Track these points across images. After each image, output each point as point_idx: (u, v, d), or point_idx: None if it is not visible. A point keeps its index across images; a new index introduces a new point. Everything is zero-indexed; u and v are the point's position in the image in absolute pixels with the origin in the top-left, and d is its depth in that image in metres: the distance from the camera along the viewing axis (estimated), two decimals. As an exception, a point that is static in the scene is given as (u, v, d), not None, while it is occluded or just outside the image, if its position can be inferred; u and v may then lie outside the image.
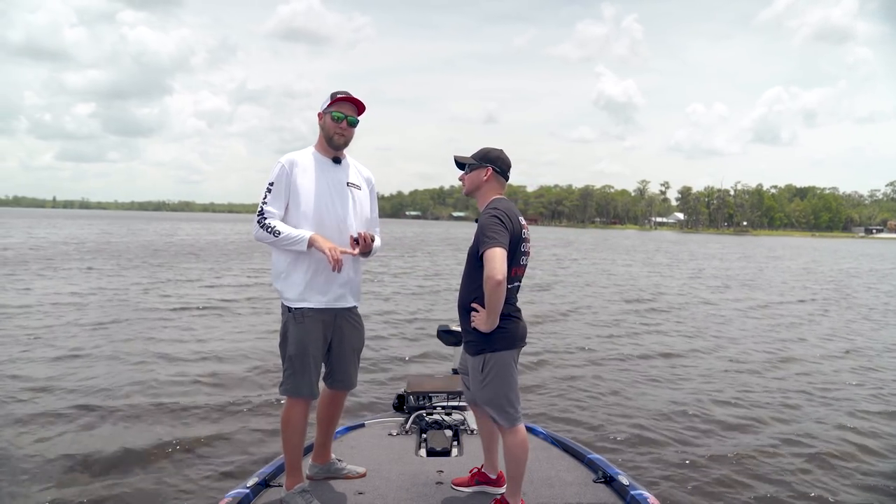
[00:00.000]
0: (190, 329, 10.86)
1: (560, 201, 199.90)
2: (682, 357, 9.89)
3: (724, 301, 17.41)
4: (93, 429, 5.89)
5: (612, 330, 12.21)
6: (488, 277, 2.80)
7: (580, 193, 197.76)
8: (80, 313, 12.12)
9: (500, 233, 2.88)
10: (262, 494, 3.23)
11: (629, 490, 3.20)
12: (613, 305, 15.74)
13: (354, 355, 3.41)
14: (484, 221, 2.94)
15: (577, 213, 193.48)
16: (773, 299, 18.18)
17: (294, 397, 3.19)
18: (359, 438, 4.10)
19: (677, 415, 6.79)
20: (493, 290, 2.81)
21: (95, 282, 17.22)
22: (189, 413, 6.39)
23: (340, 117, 3.22)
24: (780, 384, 8.29)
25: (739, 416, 6.83)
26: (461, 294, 3.13)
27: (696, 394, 7.69)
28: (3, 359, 8.30)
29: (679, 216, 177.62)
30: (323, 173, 3.23)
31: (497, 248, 2.84)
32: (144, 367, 8.09)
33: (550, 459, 3.72)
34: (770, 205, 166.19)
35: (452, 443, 4.05)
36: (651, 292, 18.96)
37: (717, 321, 13.80)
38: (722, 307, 16.13)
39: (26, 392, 6.84)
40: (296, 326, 3.14)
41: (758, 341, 11.43)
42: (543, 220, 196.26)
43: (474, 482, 3.36)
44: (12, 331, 10.19)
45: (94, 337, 9.92)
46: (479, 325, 2.98)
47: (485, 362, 3.03)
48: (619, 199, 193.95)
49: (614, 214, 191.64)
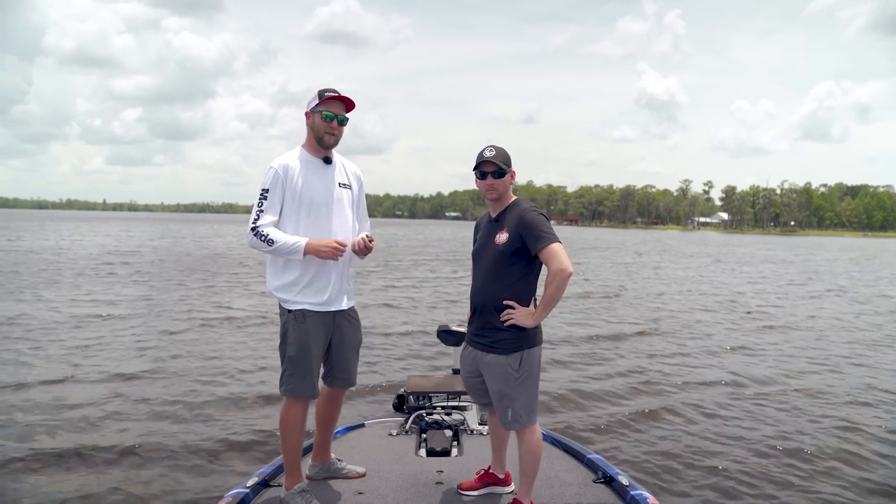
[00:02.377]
0: (190, 330, 10.89)
1: (601, 201, 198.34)
2: (689, 357, 9.59)
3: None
4: (93, 428, 5.88)
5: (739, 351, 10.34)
6: (561, 270, 2.85)
7: (621, 193, 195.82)
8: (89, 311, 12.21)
9: (553, 229, 2.96)
10: (262, 494, 3.23)
11: (629, 490, 3.18)
12: (747, 323, 13.36)
13: (354, 353, 3.39)
14: (534, 219, 2.97)
15: (618, 213, 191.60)
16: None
17: (295, 398, 3.17)
18: (359, 438, 4.08)
19: (678, 415, 6.73)
20: (563, 283, 2.87)
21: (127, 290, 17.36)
22: (189, 413, 6.37)
23: (331, 116, 3.17)
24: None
25: (741, 417, 6.74)
26: (486, 293, 3.08)
27: (698, 393, 7.62)
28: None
29: (723, 216, 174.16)
30: (316, 176, 3.19)
31: (559, 243, 2.91)
32: (143, 368, 8.09)
33: (550, 459, 3.68)
34: (819, 204, 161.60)
35: (452, 443, 4.02)
36: (758, 303, 16.67)
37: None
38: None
39: (25, 391, 6.90)
40: (296, 327, 3.12)
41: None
42: (584, 221, 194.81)
43: (482, 484, 3.31)
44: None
45: (94, 336, 10.03)
46: (523, 322, 2.97)
47: (522, 359, 3.01)
48: (661, 199, 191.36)
49: (656, 215, 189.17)
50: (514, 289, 3.01)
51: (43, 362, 8.23)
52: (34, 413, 6.21)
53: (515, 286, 3.01)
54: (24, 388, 7.04)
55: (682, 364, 9.21)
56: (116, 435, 5.71)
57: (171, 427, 5.96)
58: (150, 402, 6.66)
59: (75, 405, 6.44)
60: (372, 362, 8.51)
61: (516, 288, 3.01)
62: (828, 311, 15.37)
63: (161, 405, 6.56)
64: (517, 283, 3.02)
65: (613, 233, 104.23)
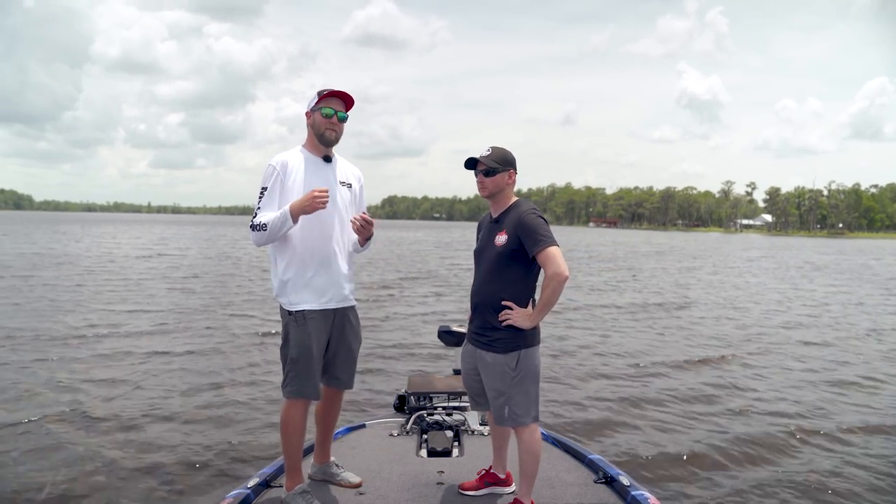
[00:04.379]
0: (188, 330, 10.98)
1: (640, 203, 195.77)
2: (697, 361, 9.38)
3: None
4: (93, 427, 5.90)
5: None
6: (557, 274, 2.88)
7: (661, 195, 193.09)
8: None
9: (551, 232, 2.99)
10: (263, 495, 3.23)
11: (630, 490, 3.17)
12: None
13: (353, 354, 3.39)
14: (532, 221, 3.00)
15: (658, 215, 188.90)
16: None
17: (297, 399, 3.18)
18: (359, 439, 4.08)
19: (679, 415, 6.70)
20: (559, 286, 2.91)
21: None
22: (190, 413, 6.38)
23: (330, 113, 3.20)
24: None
25: (744, 418, 6.70)
26: (485, 292, 3.13)
27: (699, 394, 7.58)
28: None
29: (766, 218, 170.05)
30: (314, 172, 3.22)
31: (557, 246, 2.94)
32: (143, 368, 8.15)
33: (551, 460, 3.68)
34: (869, 205, 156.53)
35: (453, 443, 4.01)
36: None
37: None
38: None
39: (24, 390, 6.99)
40: (297, 329, 3.14)
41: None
42: (623, 223, 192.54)
43: (483, 484, 3.32)
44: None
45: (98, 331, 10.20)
46: (521, 322, 3.02)
47: (519, 359, 3.05)
48: (702, 201, 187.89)
49: (697, 217, 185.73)
50: (513, 290, 3.05)
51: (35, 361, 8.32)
52: (33, 411, 6.23)
53: (514, 287, 3.05)
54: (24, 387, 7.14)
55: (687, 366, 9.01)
56: (117, 434, 5.72)
57: (173, 427, 5.96)
58: (149, 402, 6.68)
59: (72, 404, 6.47)
60: (373, 362, 8.49)
61: (514, 289, 3.05)
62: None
63: (162, 405, 6.58)
64: (515, 284, 3.05)
65: (655, 235, 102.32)
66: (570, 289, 18.46)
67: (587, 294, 17.94)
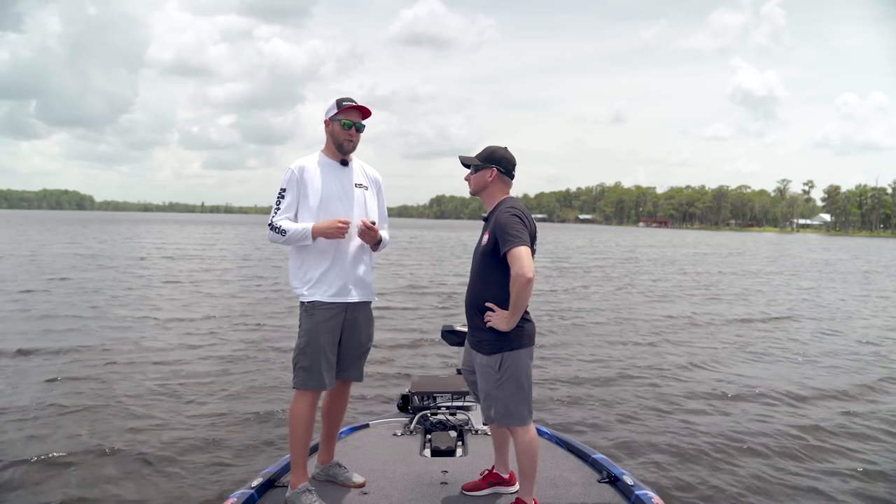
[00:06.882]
0: (189, 331, 10.95)
1: (692, 203, 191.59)
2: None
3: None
4: (95, 427, 5.89)
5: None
6: (518, 276, 2.82)
7: (713, 194, 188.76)
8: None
9: (523, 231, 2.92)
10: (267, 495, 3.26)
11: (633, 490, 3.18)
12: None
13: (361, 348, 3.44)
14: (505, 220, 2.95)
15: (710, 214, 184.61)
16: None
17: (303, 389, 3.24)
18: (363, 439, 4.10)
19: (680, 415, 6.64)
20: (522, 288, 2.84)
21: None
22: (194, 413, 6.36)
23: (349, 125, 3.33)
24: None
25: (745, 418, 6.64)
26: (472, 293, 3.14)
27: (701, 394, 7.49)
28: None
29: (825, 217, 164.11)
30: (331, 175, 3.35)
31: (523, 246, 2.86)
32: (149, 367, 8.17)
33: (555, 459, 3.70)
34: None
35: (457, 443, 4.02)
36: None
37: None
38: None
39: (23, 389, 7.04)
40: (307, 319, 3.25)
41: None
42: (673, 223, 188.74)
43: (486, 484, 3.33)
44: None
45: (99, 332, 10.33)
46: (498, 325, 2.98)
47: (502, 361, 3.02)
48: (757, 200, 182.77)
49: (751, 216, 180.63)
50: (496, 290, 3.01)
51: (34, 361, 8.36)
52: (33, 411, 6.24)
53: (497, 287, 3.00)
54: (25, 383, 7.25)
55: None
56: (119, 434, 5.71)
57: (176, 427, 5.94)
58: (153, 402, 6.67)
59: (73, 403, 6.49)
60: (377, 362, 8.41)
61: (498, 290, 3.00)
62: None
63: (165, 405, 6.57)
64: (499, 285, 2.99)
65: (709, 235, 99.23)
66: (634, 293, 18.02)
67: (667, 304, 15.80)
